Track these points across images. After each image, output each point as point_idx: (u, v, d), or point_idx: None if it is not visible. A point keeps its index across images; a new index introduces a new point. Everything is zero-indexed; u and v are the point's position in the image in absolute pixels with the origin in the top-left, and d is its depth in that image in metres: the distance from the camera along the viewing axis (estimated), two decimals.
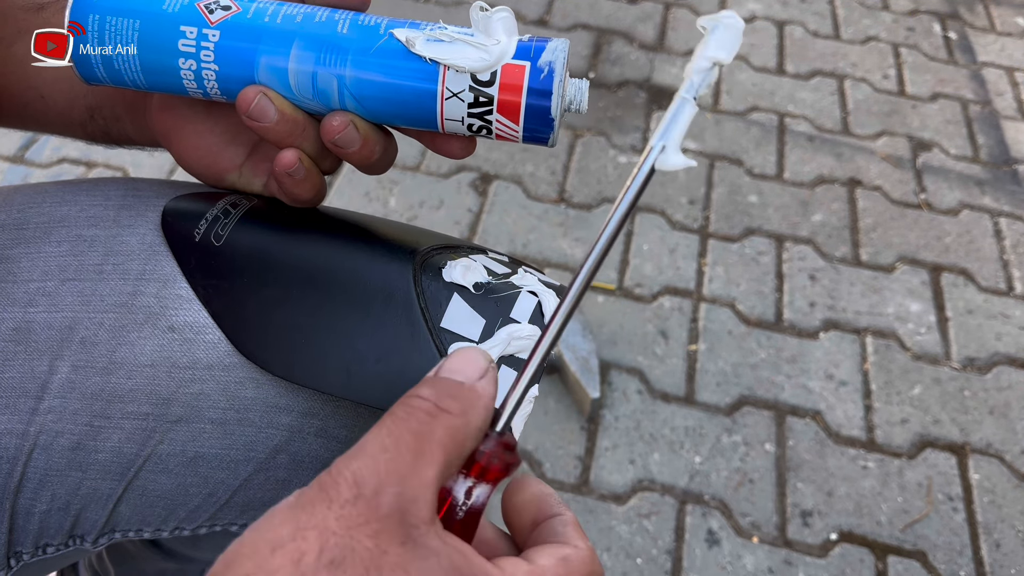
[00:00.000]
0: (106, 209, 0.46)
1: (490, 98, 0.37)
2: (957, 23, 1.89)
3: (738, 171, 1.49)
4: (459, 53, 0.37)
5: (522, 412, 0.36)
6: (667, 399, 1.14)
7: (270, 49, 0.38)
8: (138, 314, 0.43)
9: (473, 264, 0.41)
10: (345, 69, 0.38)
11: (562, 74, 0.37)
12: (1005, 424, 1.14)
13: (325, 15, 0.38)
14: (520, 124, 0.38)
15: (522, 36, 0.39)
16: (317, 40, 0.37)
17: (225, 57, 0.38)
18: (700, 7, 1.86)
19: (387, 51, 0.37)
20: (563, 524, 0.32)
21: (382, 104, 0.38)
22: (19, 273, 0.43)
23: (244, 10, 0.38)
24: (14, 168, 1.41)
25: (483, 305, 0.39)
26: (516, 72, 0.37)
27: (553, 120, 0.37)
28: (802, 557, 1.00)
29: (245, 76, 0.38)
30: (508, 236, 1.34)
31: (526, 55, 0.37)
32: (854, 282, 1.32)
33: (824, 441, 1.11)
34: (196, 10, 0.38)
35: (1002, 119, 1.65)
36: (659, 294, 1.28)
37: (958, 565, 1.00)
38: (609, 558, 0.98)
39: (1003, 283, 1.33)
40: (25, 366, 0.41)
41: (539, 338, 0.30)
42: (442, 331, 0.38)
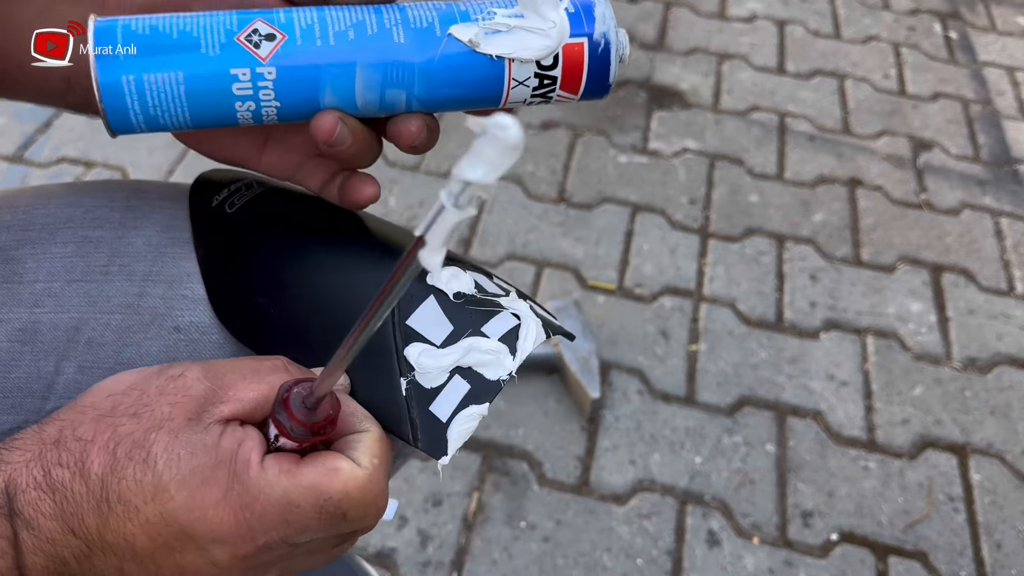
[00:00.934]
0: (111, 211, 0.46)
1: (554, 79, 0.38)
2: (958, 23, 1.89)
3: (739, 171, 1.49)
4: (522, 44, 0.37)
5: (460, 430, 0.36)
6: (668, 399, 1.14)
7: (333, 78, 0.36)
8: (144, 315, 0.43)
9: (462, 275, 0.39)
10: (414, 83, 0.37)
11: (615, 38, 0.38)
12: (1006, 424, 1.14)
13: (374, 22, 0.36)
14: (580, 93, 0.39)
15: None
16: (379, 59, 0.36)
17: (287, 95, 0.36)
18: (700, 6, 1.86)
19: (451, 56, 0.37)
20: (358, 440, 0.34)
21: (447, 103, 0.38)
22: (25, 274, 0.43)
23: (290, 36, 0.35)
24: (13, 167, 1.40)
25: (457, 313, 0.38)
26: (576, 51, 0.38)
27: (611, 83, 0.39)
28: (803, 558, 0.99)
29: (309, 107, 0.37)
30: (508, 236, 1.34)
31: (581, 29, 0.38)
32: (855, 282, 1.32)
33: (825, 441, 1.11)
34: (239, 47, 0.35)
35: (1003, 119, 1.64)
36: (659, 294, 1.27)
37: (959, 566, 1.00)
38: (609, 559, 0.98)
39: (1004, 283, 1.33)
40: (31, 367, 0.41)
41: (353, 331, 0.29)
42: (406, 328, 0.38)
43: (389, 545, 0.98)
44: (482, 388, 0.37)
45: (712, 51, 1.75)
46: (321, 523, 0.32)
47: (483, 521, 1.00)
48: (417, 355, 0.37)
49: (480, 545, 0.98)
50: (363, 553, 0.97)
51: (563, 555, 0.98)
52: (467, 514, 1.01)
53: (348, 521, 0.33)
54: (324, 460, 0.32)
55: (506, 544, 0.99)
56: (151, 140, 1.45)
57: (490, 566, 0.97)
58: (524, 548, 0.98)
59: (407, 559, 0.97)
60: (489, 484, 1.04)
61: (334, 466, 0.32)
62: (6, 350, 0.41)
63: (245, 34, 0.35)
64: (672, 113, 1.60)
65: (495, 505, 1.02)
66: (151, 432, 0.31)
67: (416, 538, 0.98)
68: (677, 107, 1.61)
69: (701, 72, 1.69)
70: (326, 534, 0.33)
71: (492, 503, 1.02)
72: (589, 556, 0.98)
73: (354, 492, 0.32)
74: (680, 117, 1.59)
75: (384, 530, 0.99)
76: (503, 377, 0.37)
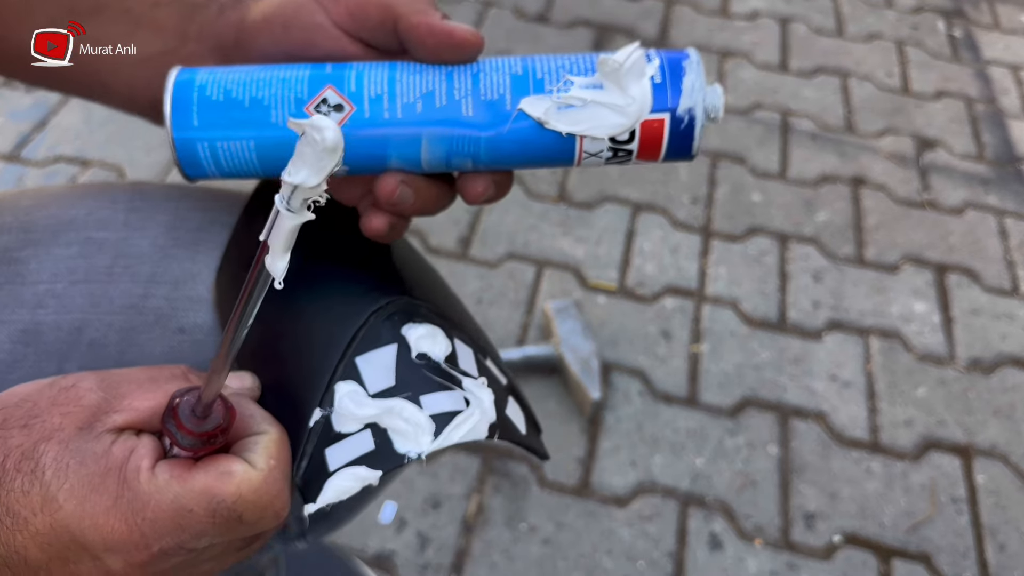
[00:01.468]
0: (115, 212, 0.46)
1: (629, 152, 0.37)
2: (961, 21, 1.87)
3: (741, 170, 1.48)
4: (596, 121, 0.35)
5: (339, 486, 0.34)
6: (669, 400, 1.13)
7: (400, 150, 0.36)
8: (148, 316, 0.43)
9: (439, 338, 0.37)
10: (480, 154, 0.37)
11: (702, 112, 0.36)
12: (1010, 425, 1.13)
13: (444, 93, 0.36)
14: (660, 159, 0.37)
15: (649, 53, 0.36)
16: (446, 132, 0.36)
17: (354, 160, 0.37)
18: (703, 4, 1.85)
19: (520, 130, 0.36)
20: (255, 442, 0.34)
21: (515, 166, 0.38)
22: (27, 275, 0.43)
23: (359, 108, 0.35)
24: (9, 166, 1.40)
25: (407, 371, 0.36)
26: (656, 126, 0.36)
27: (695, 152, 0.37)
28: (806, 560, 0.99)
29: (376, 168, 0.37)
30: (508, 235, 1.33)
31: (663, 105, 0.36)
32: (858, 282, 1.31)
33: (828, 443, 1.10)
34: (308, 117, 0.36)
35: (1007, 117, 1.63)
36: (661, 294, 1.26)
37: (962, 567, 0.99)
38: (610, 561, 0.98)
39: (1008, 283, 1.32)
40: (33, 368, 0.41)
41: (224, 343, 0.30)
42: (352, 363, 0.36)
43: (388, 548, 0.97)
44: (385, 455, 0.34)
45: (714, 49, 1.74)
46: (216, 527, 0.31)
47: (483, 523, 1.00)
48: (344, 394, 0.35)
49: (480, 547, 0.98)
50: (362, 556, 0.96)
51: (564, 558, 0.97)
52: (467, 516, 1.00)
53: (245, 524, 0.32)
54: (217, 464, 0.32)
55: (506, 546, 0.98)
56: (149, 138, 1.44)
57: (490, 569, 0.96)
58: (524, 550, 0.98)
59: (406, 562, 0.96)
60: (489, 486, 1.03)
61: (227, 469, 0.32)
62: (8, 351, 0.41)
63: (314, 104, 0.36)
64: None
65: (495, 507, 1.01)
66: (40, 443, 0.31)
67: (415, 540, 0.98)
68: None
69: None
70: (224, 538, 0.32)
71: (492, 505, 1.01)
72: (590, 559, 0.98)
73: (248, 494, 0.31)
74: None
75: (383, 533, 0.98)
76: (411, 453, 0.34)
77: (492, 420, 0.36)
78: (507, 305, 1.23)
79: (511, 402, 0.39)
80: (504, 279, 1.26)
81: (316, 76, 0.36)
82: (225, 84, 0.36)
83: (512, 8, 1.78)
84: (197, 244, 0.45)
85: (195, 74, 0.37)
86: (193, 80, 0.37)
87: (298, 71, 0.36)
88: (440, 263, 1.27)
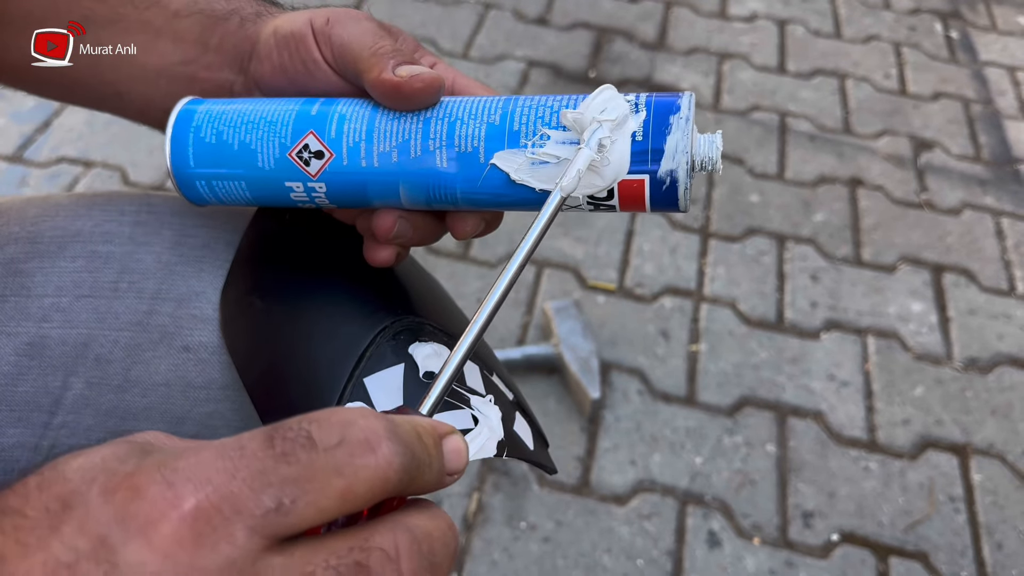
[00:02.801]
0: (121, 225, 0.46)
1: (612, 206, 0.36)
2: (959, 22, 1.88)
3: (739, 170, 1.49)
4: (569, 180, 0.34)
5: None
6: (668, 400, 1.14)
7: (379, 193, 0.37)
8: (153, 333, 0.43)
9: (444, 355, 0.38)
10: (457, 200, 0.37)
11: (686, 172, 0.34)
12: (1007, 425, 1.14)
13: (419, 144, 0.36)
14: (647, 211, 0.36)
15: (628, 99, 0.35)
16: (421, 182, 0.37)
17: (339, 200, 0.38)
18: (701, 6, 1.86)
19: (494, 183, 0.36)
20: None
21: (495, 208, 0.38)
22: (33, 288, 0.43)
23: (338, 155, 0.37)
24: (12, 167, 1.40)
25: (415, 391, 0.36)
26: (635, 187, 0.34)
27: (684, 207, 0.36)
28: (803, 558, 0.99)
29: (363, 206, 0.39)
30: (508, 236, 1.33)
31: (643, 166, 0.34)
32: (856, 282, 1.31)
33: (826, 442, 1.11)
34: (291, 162, 0.37)
35: (1004, 118, 1.64)
36: (660, 294, 1.27)
37: (960, 566, 1.00)
38: (610, 559, 0.98)
39: (1005, 283, 1.33)
40: (39, 381, 0.41)
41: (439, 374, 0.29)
42: (360, 384, 0.36)
43: None
44: None
45: (713, 51, 1.74)
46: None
47: (483, 522, 1.00)
48: None
49: (480, 546, 0.98)
50: None
51: (563, 556, 0.98)
52: (467, 514, 1.01)
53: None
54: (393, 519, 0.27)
55: (506, 545, 0.99)
56: (151, 140, 1.45)
57: (490, 567, 0.97)
58: (524, 549, 0.98)
59: None
60: (489, 484, 1.03)
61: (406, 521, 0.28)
62: (13, 363, 0.41)
63: (296, 150, 0.37)
64: None
65: (495, 506, 1.02)
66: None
67: None
68: None
69: (702, 72, 1.69)
70: None
71: (492, 504, 1.02)
72: (589, 557, 0.98)
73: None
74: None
75: None
76: None
77: (500, 437, 0.36)
78: (507, 305, 1.23)
79: (518, 418, 0.39)
80: None
81: (301, 120, 0.37)
82: (218, 126, 0.38)
83: (512, 10, 1.79)
84: (202, 261, 0.45)
85: (194, 113, 0.39)
86: (191, 120, 0.39)
87: (285, 113, 0.38)
88: (440, 264, 1.28)
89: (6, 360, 0.41)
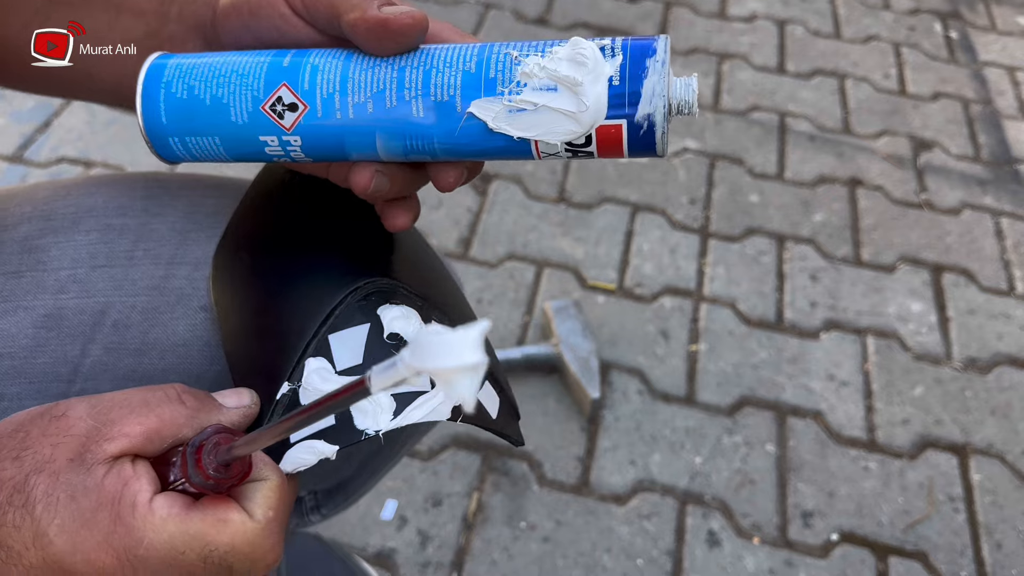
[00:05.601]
0: (132, 199, 0.47)
1: (590, 152, 0.35)
2: (958, 22, 1.88)
3: (739, 170, 1.49)
4: (547, 127, 0.34)
5: (296, 457, 0.34)
6: (668, 399, 1.14)
7: (356, 145, 0.37)
8: (170, 296, 0.44)
9: (411, 318, 0.37)
10: (435, 151, 0.36)
11: (663, 115, 0.34)
12: (1007, 424, 1.14)
13: (394, 93, 0.35)
14: (626, 157, 0.36)
15: (604, 44, 0.34)
16: (398, 131, 0.36)
17: (315, 153, 0.37)
18: (700, 6, 1.86)
19: (472, 132, 0.35)
20: (256, 489, 0.33)
21: (475, 158, 0.37)
22: (49, 262, 0.44)
23: (312, 107, 0.36)
24: (12, 167, 1.40)
25: (376, 350, 0.36)
26: (612, 132, 0.34)
27: (662, 152, 0.35)
28: (803, 558, 0.99)
29: (340, 158, 0.38)
30: (508, 236, 1.33)
31: (620, 110, 0.33)
32: (855, 282, 1.31)
33: (825, 442, 1.11)
34: (264, 116, 0.36)
35: (1003, 118, 1.64)
36: (660, 294, 1.27)
37: (959, 566, 1.00)
38: (609, 559, 0.98)
39: (1004, 283, 1.33)
40: (57, 351, 0.42)
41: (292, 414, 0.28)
42: (323, 340, 0.37)
43: (389, 545, 0.98)
44: (344, 430, 0.34)
45: (712, 51, 1.74)
46: (206, 572, 0.31)
47: (483, 521, 1.00)
48: (312, 370, 0.36)
49: (480, 545, 0.98)
50: (363, 553, 0.97)
51: (563, 555, 0.98)
52: (467, 514, 1.01)
53: (234, 573, 0.32)
54: (215, 509, 0.31)
55: (506, 544, 0.99)
56: None
57: (490, 566, 0.97)
58: (524, 548, 0.98)
59: (407, 559, 0.97)
60: (489, 484, 1.04)
61: (224, 516, 0.31)
62: (31, 336, 0.42)
63: (269, 103, 0.36)
64: None
65: (495, 505, 1.02)
66: (31, 475, 0.30)
67: (416, 538, 0.98)
68: None
69: (701, 72, 1.69)
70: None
71: (492, 503, 1.02)
72: (589, 556, 0.98)
73: (241, 546, 0.31)
74: (680, 117, 1.59)
75: (384, 530, 0.99)
76: (368, 430, 0.34)
77: (454, 404, 0.35)
78: (507, 305, 1.24)
79: (485, 386, 0.39)
80: (504, 279, 1.27)
81: (272, 72, 0.36)
82: (189, 80, 0.37)
83: (512, 10, 1.79)
84: (215, 227, 0.46)
85: (164, 68, 0.38)
86: (161, 75, 0.37)
87: (257, 65, 0.37)
88: None
89: (24, 334, 0.42)
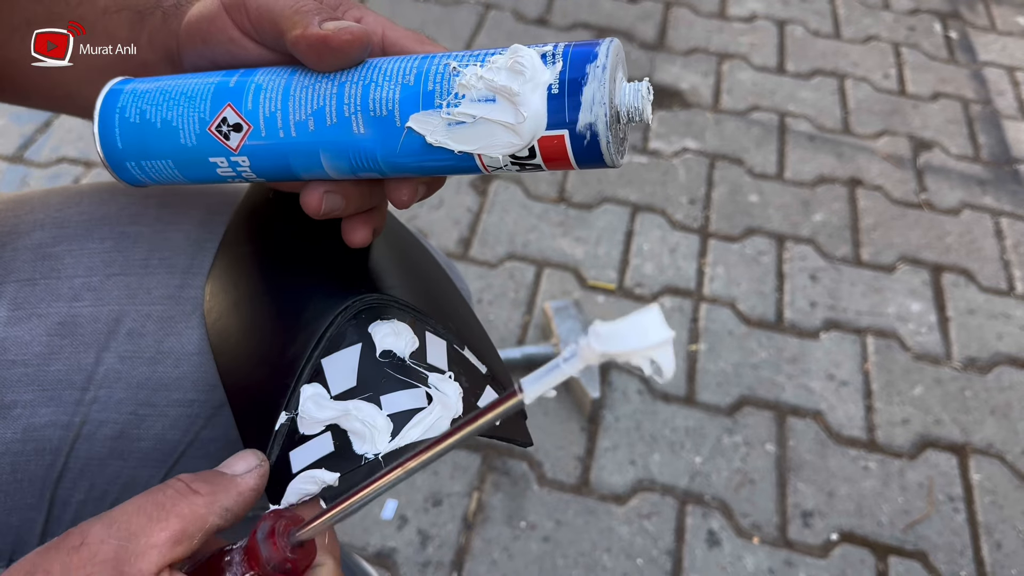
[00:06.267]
0: (147, 207, 0.47)
1: (537, 165, 0.34)
2: (958, 22, 1.88)
3: (739, 170, 1.49)
4: (488, 140, 0.33)
5: (299, 488, 0.34)
6: (668, 399, 1.14)
7: (301, 164, 0.36)
8: (185, 305, 0.43)
9: (403, 333, 0.37)
10: (380, 167, 0.36)
11: (605, 124, 0.32)
12: (1006, 424, 1.14)
13: (334, 110, 0.34)
14: (576, 169, 0.35)
15: (546, 51, 0.32)
16: (341, 149, 0.35)
17: (264, 172, 0.37)
18: (700, 6, 1.86)
19: (413, 147, 0.34)
20: (317, 574, 0.32)
21: (423, 174, 0.36)
22: (63, 270, 0.44)
23: (255, 127, 0.35)
24: (13, 168, 1.40)
25: (370, 371, 0.35)
26: (555, 143, 0.32)
27: (612, 162, 0.34)
28: (803, 558, 0.99)
29: (290, 178, 0.38)
30: (508, 236, 1.34)
31: (561, 121, 0.32)
32: (855, 282, 1.32)
33: (825, 441, 1.11)
34: (211, 137, 0.36)
35: (1003, 118, 1.64)
36: (659, 294, 1.27)
37: (959, 566, 1.00)
38: (609, 559, 0.98)
39: (1004, 283, 1.33)
40: (72, 359, 0.42)
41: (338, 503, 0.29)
42: (318, 364, 0.36)
43: (389, 545, 0.98)
44: (344, 457, 0.34)
45: (712, 51, 1.75)
46: None
47: (483, 521, 1.00)
48: (307, 396, 0.35)
49: (480, 545, 0.98)
50: (363, 553, 0.97)
51: (563, 555, 0.98)
52: (467, 514, 1.01)
53: None
54: None
55: (506, 544, 0.99)
56: None
57: (490, 566, 0.97)
58: (524, 548, 0.98)
59: (407, 559, 0.97)
60: (489, 484, 1.04)
61: None
62: (45, 344, 0.42)
63: (215, 124, 0.36)
64: (672, 113, 1.60)
65: (495, 505, 1.02)
66: None
67: (416, 538, 0.98)
68: (677, 107, 1.61)
69: (701, 72, 1.69)
70: None
71: (492, 503, 1.02)
72: (589, 556, 0.98)
73: None
74: (680, 117, 1.59)
75: (384, 530, 0.99)
76: (368, 455, 0.33)
77: (456, 414, 0.35)
78: (507, 305, 1.24)
79: (488, 392, 0.38)
80: (504, 279, 1.27)
81: (219, 93, 0.36)
82: (141, 104, 0.37)
83: (512, 11, 1.79)
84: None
85: (120, 93, 0.38)
86: (117, 100, 0.38)
87: (205, 87, 0.37)
88: None
89: (38, 341, 0.42)
